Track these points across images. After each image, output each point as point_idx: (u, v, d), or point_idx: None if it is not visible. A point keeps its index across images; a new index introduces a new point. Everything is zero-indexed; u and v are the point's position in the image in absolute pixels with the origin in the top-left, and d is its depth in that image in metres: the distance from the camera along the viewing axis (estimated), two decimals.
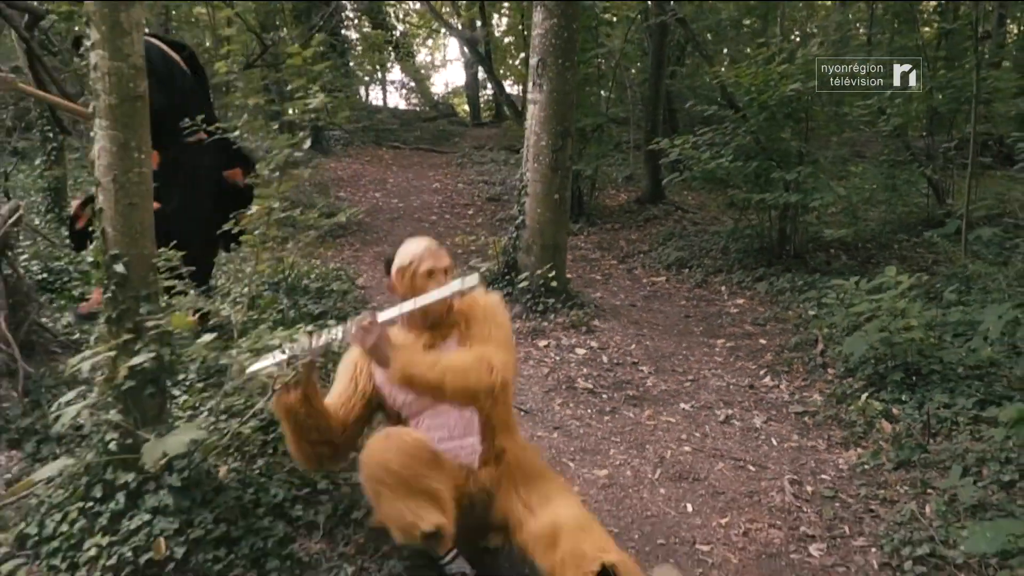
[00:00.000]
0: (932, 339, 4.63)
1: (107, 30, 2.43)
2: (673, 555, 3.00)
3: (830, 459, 3.82)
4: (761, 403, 4.51)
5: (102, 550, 2.46)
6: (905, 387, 4.36)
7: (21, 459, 3.12)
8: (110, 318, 2.58)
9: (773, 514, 3.31)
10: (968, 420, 3.93)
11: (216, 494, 2.68)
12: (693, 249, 8.19)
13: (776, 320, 5.97)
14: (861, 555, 3.00)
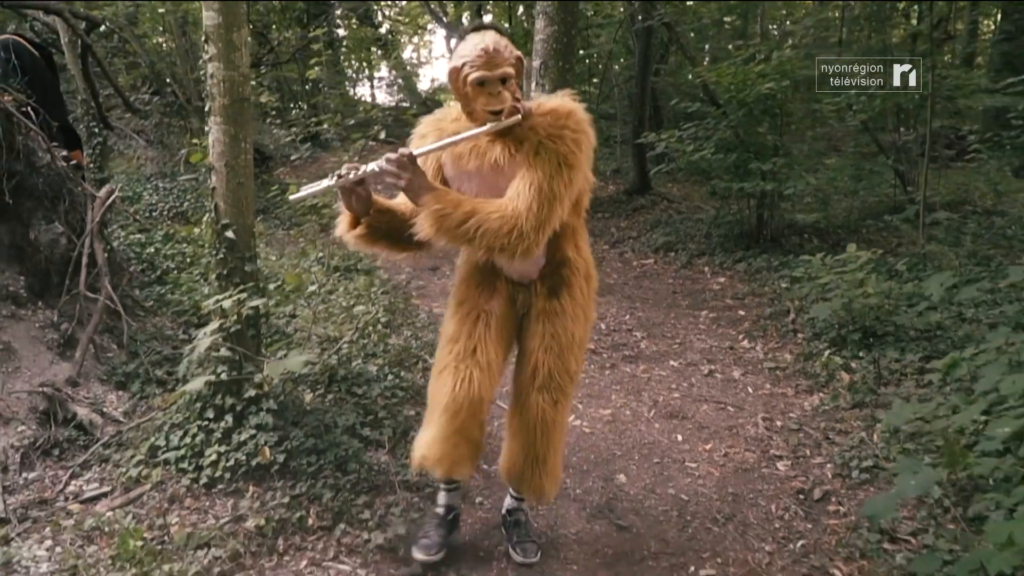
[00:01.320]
0: (888, 306, 5.34)
1: (222, 46, 3.09)
2: (666, 470, 3.70)
3: (797, 402, 4.53)
4: (739, 361, 5.22)
5: (220, 455, 3.13)
6: (863, 346, 5.07)
7: (128, 398, 3.77)
8: (221, 274, 3.25)
9: (748, 442, 4.02)
10: (914, 371, 4.64)
11: (303, 416, 3.35)
12: (678, 235, 8.89)
13: (753, 295, 6.68)
14: (818, 469, 3.70)
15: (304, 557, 2.76)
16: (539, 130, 2.36)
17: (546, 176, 2.30)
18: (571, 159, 2.34)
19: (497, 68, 2.32)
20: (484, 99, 2.34)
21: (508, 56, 2.34)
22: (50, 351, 3.77)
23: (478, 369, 2.58)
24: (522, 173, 2.33)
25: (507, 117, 2.32)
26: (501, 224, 2.25)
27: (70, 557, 2.55)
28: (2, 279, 3.84)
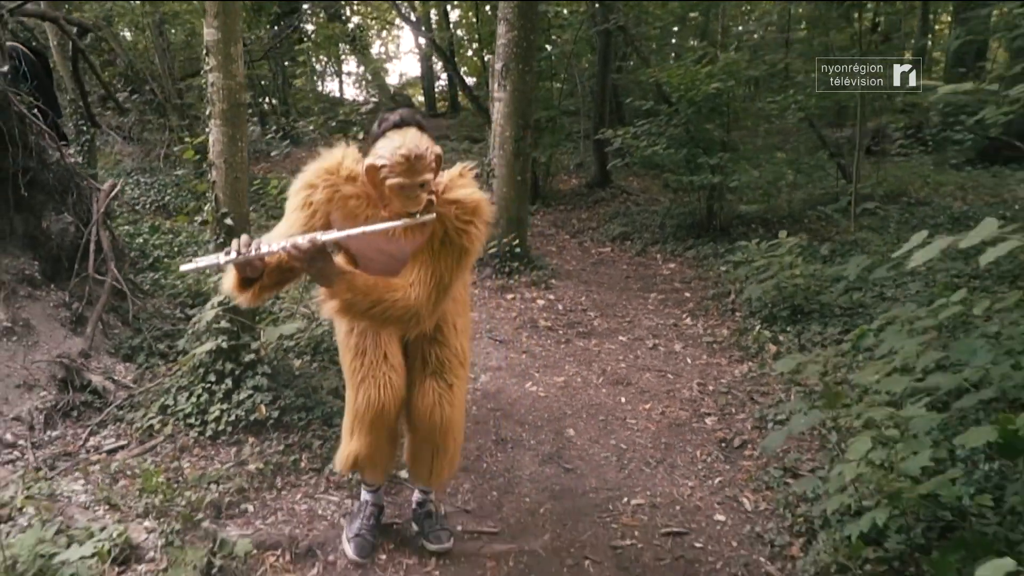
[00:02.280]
0: (814, 287, 5.96)
1: (222, 59, 3.59)
2: (609, 425, 4.26)
3: (728, 370, 5.12)
4: (681, 336, 5.80)
5: (223, 412, 3.64)
6: (791, 321, 5.67)
7: (135, 368, 4.25)
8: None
9: (682, 403, 4.60)
10: (832, 342, 5.24)
11: (293, 379, 3.87)
12: (635, 225, 9.47)
13: (699, 279, 7.28)
14: (740, 423, 4.29)
15: (299, 491, 3.29)
16: (446, 221, 2.44)
17: (447, 269, 2.45)
18: (471, 251, 2.50)
19: (417, 176, 2.32)
20: (402, 201, 2.36)
21: (429, 160, 2.34)
22: (63, 327, 4.24)
23: (394, 372, 2.75)
24: (423, 259, 2.45)
25: (422, 215, 2.38)
26: (403, 312, 2.41)
27: (103, 490, 3.05)
28: (19, 264, 4.30)
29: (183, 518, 2.79)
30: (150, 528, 2.78)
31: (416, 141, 2.32)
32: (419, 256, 2.47)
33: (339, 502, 3.24)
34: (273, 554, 2.82)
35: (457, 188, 2.49)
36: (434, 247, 2.46)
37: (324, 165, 2.49)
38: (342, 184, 2.46)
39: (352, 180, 2.47)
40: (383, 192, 2.39)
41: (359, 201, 2.46)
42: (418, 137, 2.34)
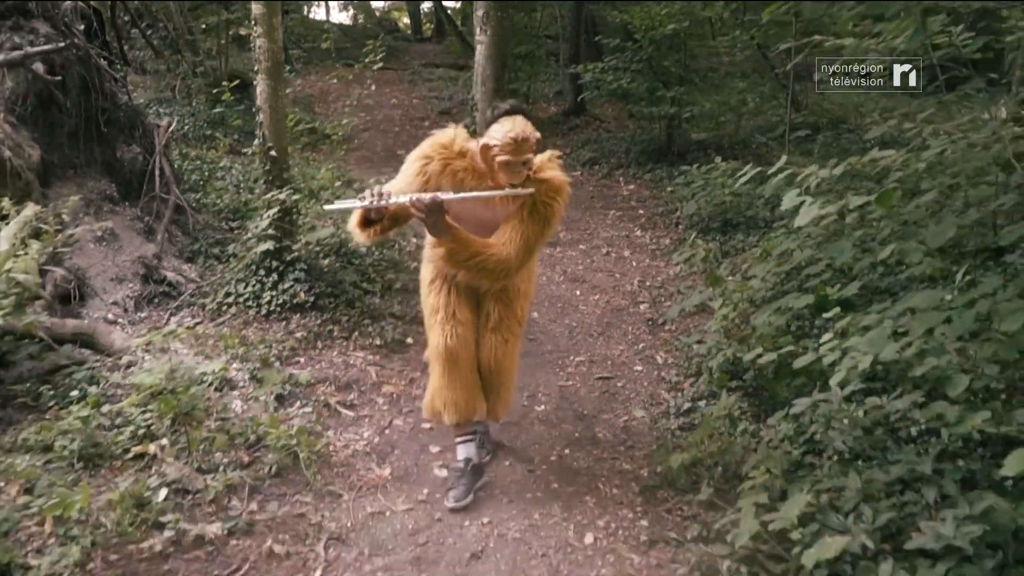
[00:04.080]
0: (743, 204, 7.17)
1: (266, 28, 4.70)
2: (565, 310, 5.54)
3: (665, 271, 6.39)
4: (631, 245, 7.05)
5: (272, 297, 4.87)
6: (721, 232, 6.91)
7: (197, 268, 5.46)
8: (267, 180, 4.93)
9: (624, 295, 5.87)
10: (749, 248, 6.49)
11: (322, 274, 5.09)
12: (603, 151, 10.60)
13: (653, 198, 8.49)
14: (666, 308, 5.57)
15: (335, 350, 4.56)
16: (535, 195, 2.93)
17: (533, 234, 2.94)
18: (552, 223, 3.00)
19: (521, 155, 2.83)
20: (507, 174, 2.86)
21: (531, 143, 2.85)
22: (139, 236, 5.42)
23: (460, 325, 3.22)
24: (515, 223, 2.94)
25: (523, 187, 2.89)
26: (496, 264, 2.91)
27: (197, 345, 4.29)
28: (101, 186, 5.45)
29: (261, 360, 4.06)
30: (238, 368, 4.04)
31: (522, 127, 2.83)
32: (511, 221, 2.95)
33: (364, 356, 4.51)
34: (323, 385, 4.10)
35: (546, 169, 3.02)
36: (523, 215, 2.94)
37: (440, 140, 2.99)
38: (454, 158, 2.95)
39: (462, 155, 2.97)
40: (492, 167, 2.89)
41: (466, 173, 2.96)
42: (523, 124, 2.85)
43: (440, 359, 3.23)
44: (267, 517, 3.02)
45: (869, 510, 2.60)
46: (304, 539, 2.96)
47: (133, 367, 4.05)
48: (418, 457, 3.62)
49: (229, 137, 9.32)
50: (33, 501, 2.87)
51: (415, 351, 4.65)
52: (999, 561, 2.35)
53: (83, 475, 3.12)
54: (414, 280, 5.54)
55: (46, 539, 2.73)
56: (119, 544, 2.75)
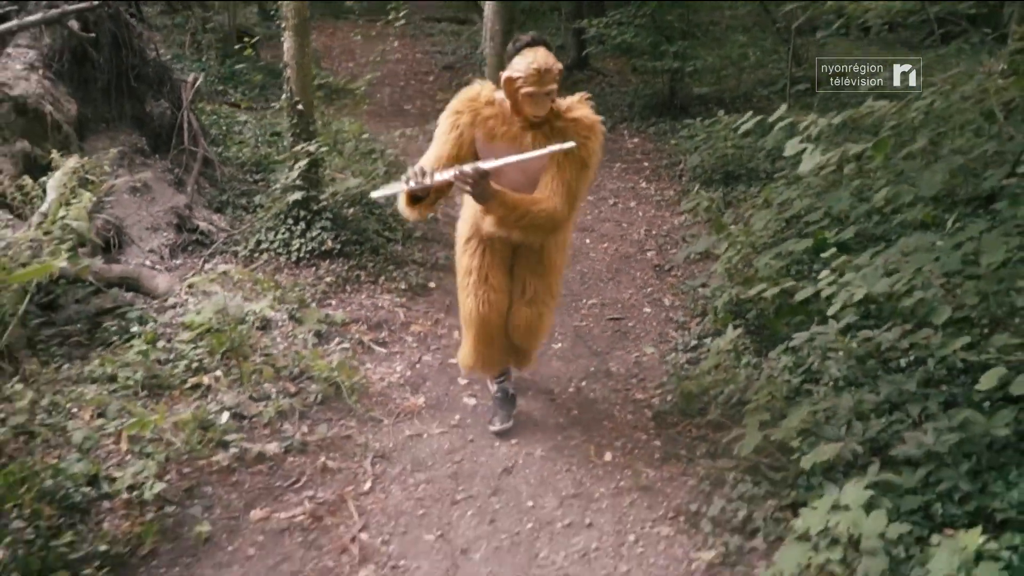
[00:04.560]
0: (744, 156, 7.42)
1: None
2: (576, 257, 5.83)
3: (670, 221, 6.66)
4: (636, 196, 7.31)
5: (301, 244, 5.15)
6: (723, 183, 7.17)
7: (226, 218, 5.72)
8: (295, 133, 5.17)
9: (631, 243, 6.16)
10: (750, 198, 6.76)
11: (347, 223, 5.37)
12: (607, 105, 10.77)
13: (657, 151, 8.72)
14: (672, 255, 5.86)
15: (363, 293, 4.85)
16: (567, 134, 2.94)
17: (573, 178, 2.96)
18: (590, 163, 3.01)
19: (545, 86, 2.85)
20: (531, 107, 2.90)
21: (555, 73, 2.88)
22: (170, 187, 5.68)
23: (492, 291, 3.31)
24: (553, 172, 2.95)
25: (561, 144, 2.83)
26: (545, 219, 2.95)
27: (235, 289, 4.58)
28: (132, 139, 5.70)
29: (298, 301, 4.36)
30: (276, 309, 4.34)
31: (545, 58, 2.85)
32: (548, 171, 2.97)
33: (391, 298, 4.81)
34: (355, 324, 4.41)
35: (576, 109, 3.06)
36: (559, 160, 2.94)
37: (467, 95, 3.08)
38: (482, 108, 3.03)
39: (490, 104, 3.05)
40: (516, 100, 2.92)
41: (496, 120, 3.03)
42: (546, 54, 2.87)
43: (472, 324, 3.34)
44: (317, 438, 3.34)
45: (860, 425, 2.92)
46: (352, 457, 3.29)
47: (178, 308, 4.35)
48: (448, 388, 3.94)
49: (239, 92, 9.52)
50: (107, 424, 3.19)
51: (438, 294, 4.95)
52: (973, 466, 2.68)
53: (147, 402, 3.44)
54: (432, 230, 5.86)
55: (123, 455, 3.06)
56: (189, 459, 3.08)
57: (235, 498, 2.95)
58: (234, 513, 2.88)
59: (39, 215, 4.41)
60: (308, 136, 5.18)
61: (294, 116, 5.15)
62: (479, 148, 3.07)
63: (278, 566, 2.65)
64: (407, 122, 9.31)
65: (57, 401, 3.35)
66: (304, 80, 5.10)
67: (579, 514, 3.00)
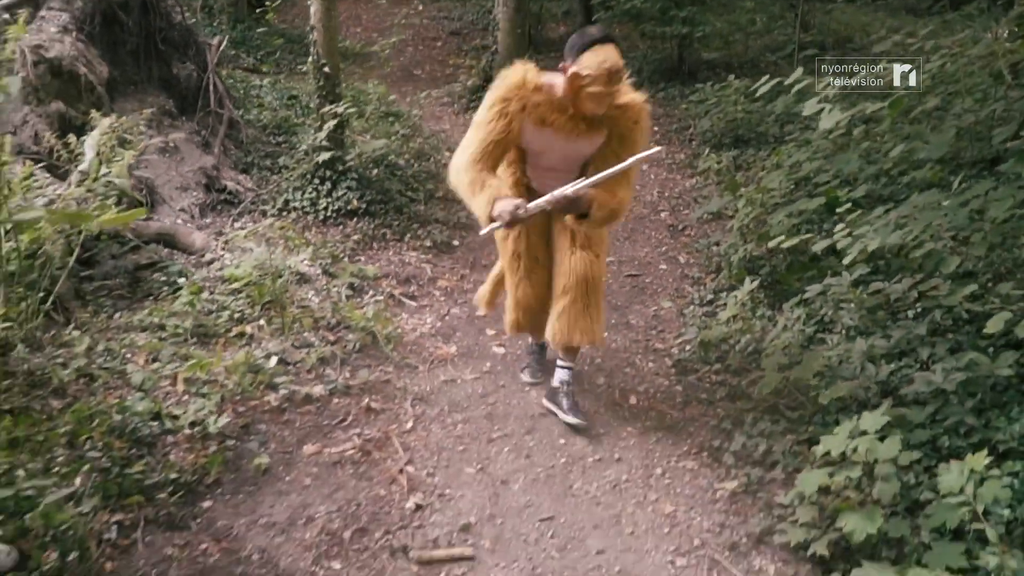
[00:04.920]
0: (754, 120, 7.57)
1: None
2: None
3: (682, 183, 6.83)
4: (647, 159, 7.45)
5: (328, 203, 5.32)
6: (733, 147, 7.32)
7: (252, 178, 5.88)
8: (322, 95, 5.32)
9: (645, 204, 6.33)
10: (760, 160, 6.93)
11: (371, 184, 5.53)
12: None
13: (667, 115, 8.85)
14: (685, 217, 6.04)
15: (390, 250, 5.04)
16: (619, 121, 2.99)
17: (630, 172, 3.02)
18: (640, 145, 3.04)
19: (612, 86, 2.82)
20: (593, 105, 2.85)
21: (623, 73, 2.85)
22: (197, 148, 5.83)
23: (543, 269, 3.35)
24: (613, 162, 2.93)
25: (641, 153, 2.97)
26: (623, 209, 3.11)
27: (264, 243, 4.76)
28: (160, 101, 5.83)
29: (331, 256, 4.54)
30: (309, 263, 4.52)
31: (616, 58, 2.80)
32: (607, 160, 2.98)
33: (417, 255, 5.00)
34: (385, 279, 4.60)
35: (624, 94, 3.00)
36: (613, 147, 3.01)
37: (512, 81, 2.94)
38: (531, 95, 2.93)
39: (538, 90, 2.94)
40: (577, 96, 2.85)
41: (546, 108, 2.94)
42: (616, 54, 2.81)
43: (524, 302, 3.37)
44: (359, 382, 3.55)
45: (872, 367, 3.13)
46: (393, 399, 3.49)
47: (215, 263, 4.54)
48: (477, 338, 4.14)
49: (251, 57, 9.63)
50: (162, 367, 3.39)
51: (461, 252, 5.14)
52: (977, 404, 2.89)
53: (196, 349, 3.63)
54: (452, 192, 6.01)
55: (180, 396, 3.26)
56: (243, 400, 3.28)
57: (288, 435, 3.16)
58: (288, 448, 3.09)
59: (78, 173, 4.58)
60: (334, 98, 5.33)
61: (321, 78, 5.29)
62: (526, 134, 3.02)
63: (333, 494, 2.86)
64: (418, 86, 9.44)
65: (112, 347, 3.54)
66: (331, 43, 5.24)
67: (608, 450, 3.21)
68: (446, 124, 8.13)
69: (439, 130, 7.71)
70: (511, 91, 2.94)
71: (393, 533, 2.69)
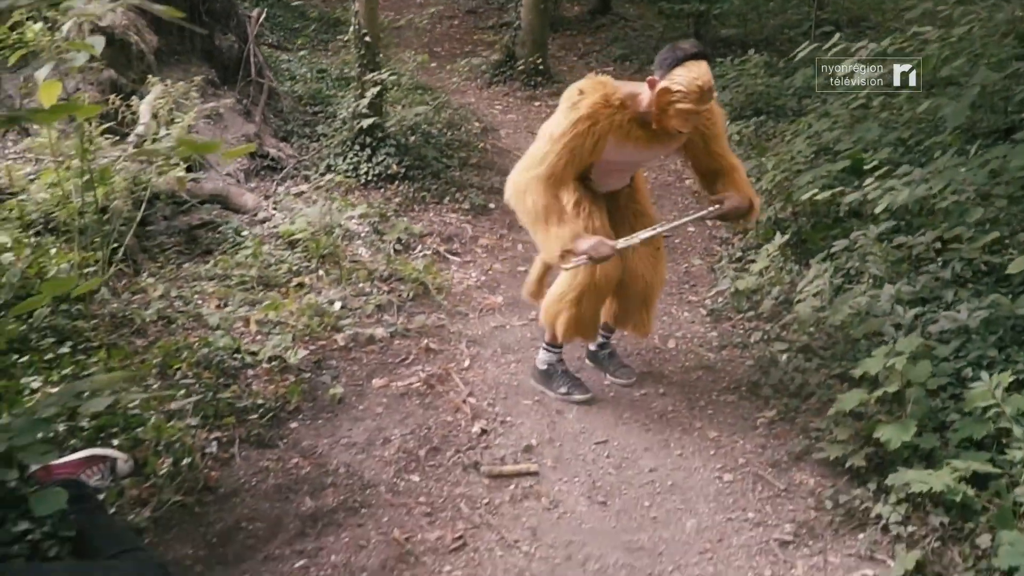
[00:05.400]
0: (773, 93, 7.76)
1: None
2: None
3: None
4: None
5: (369, 168, 5.55)
6: (753, 118, 7.52)
7: (292, 145, 6.10)
8: (363, 63, 5.54)
9: (669, 172, 6.56)
10: (780, 132, 7.13)
11: (409, 150, 5.76)
12: (633, 48, 11.06)
13: None
14: None
15: (430, 212, 5.27)
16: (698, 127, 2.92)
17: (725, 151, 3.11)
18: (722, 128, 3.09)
19: (703, 104, 2.70)
20: (681, 123, 2.74)
21: (713, 92, 2.74)
22: (240, 116, 6.06)
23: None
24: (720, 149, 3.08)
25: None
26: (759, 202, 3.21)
27: (322, 198, 4.98)
28: (203, 71, 6.05)
29: (379, 215, 4.78)
30: (358, 221, 4.75)
31: (708, 75, 2.69)
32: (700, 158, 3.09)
33: (457, 216, 5.23)
34: (430, 236, 4.84)
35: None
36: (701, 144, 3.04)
37: (595, 99, 2.81)
38: (616, 113, 2.81)
39: (623, 107, 2.83)
40: (665, 111, 2.72)
41: (631, 124, 2.85)
42: (708, 71, 2.70)
43: (599, 285, 3.09)
44: (417, 326, 3.79)
45: (900, 309, 3.36)
46: (449, 341, 3.74)
47: (268, 222, 4.78)
48: (520, 288, 4.38)
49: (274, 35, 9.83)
50: (233, 311, 3.64)
51: (498, 214, 5.36)
52: (998, 340, 3.12)
53: (262, 296, 3.88)
54: (485, 158, 6.25)
55: (253, 336, 3.51)
56: (312, 339, 3.53)
57: (357, 370, 3.41)
58: (358, 381, 3.34)
59: (135, 136, 4.82)
60: (374, 67, 5.54)
61: (362, 47, 5.51)
62: (607, 151, 2.91)
63: (404, 420, 3.11)
64: (440, 63, 9.65)
65: (184, 294, 3.79)
66: (371, 13, 5.45)
67: (653, 386, 3.46)
68: (471, 98, 8.32)
69: (465, 103, 7.91)
70: (596, 110, 2.81)
71: (463, 452, 2.95)
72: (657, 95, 2.71)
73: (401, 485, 2.76)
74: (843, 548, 2.49)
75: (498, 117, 7.79)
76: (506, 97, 8.50)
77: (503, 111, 8.05)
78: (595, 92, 2.83)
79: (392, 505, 2.66)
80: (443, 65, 9.44)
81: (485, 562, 2.45)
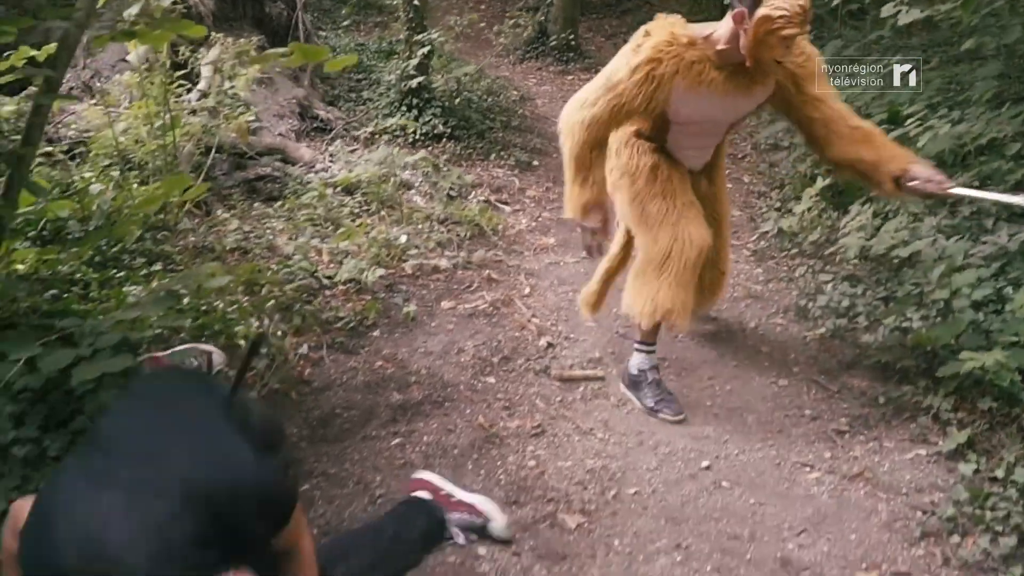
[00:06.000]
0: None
1: None
2: None
3: None
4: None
5: (416, 128, 5.74)
6: None
7: (339, 109, 6.31)
8: (411, 27, 5.75)
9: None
10: None
11: (454, 112, 5.96)
12: None
13: None
14: (742, 146, 6.43)
15: (476, 167, 5.48)
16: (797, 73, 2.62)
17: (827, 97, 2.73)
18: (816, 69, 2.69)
19: (805, 27, 2.38)
20: (779, 51, 2.41)
21: (811, 11, 2.39)
22: (289, 81, 6.28)
23: (701, 214, 2.85)
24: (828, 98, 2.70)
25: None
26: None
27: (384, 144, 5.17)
28: (254, 37, 6.28)
29: (432, 165, 4.99)
30: (412, 172, 4.96)
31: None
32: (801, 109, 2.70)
33: (504, 171, 5.44)
34: (479, 187, 5.04)
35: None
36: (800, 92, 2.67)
37: (660, 39, 2.52)
38: (685, 52, 2.50)
39: (692, 45, 2.52)
40: (764, 42, 2.38)
41: (702, 64, 2.53)
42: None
43: (686, 253, 2.74)
44: (477, 259, 4.00)
45: (942, 237, 3.53)
46: (508, 273, 3.95)
47: (324, 173, 4.99)
48: (571, 232, 4.55)
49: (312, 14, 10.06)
50: (307, 242, 3.85)
51: (542, 170, 5.57)
52: None
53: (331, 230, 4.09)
54: (525, 122, 6.46)
55: (327, 264, 3.72)
56: (381, 267, 3.74)
57: (425, 294, 3.62)
58: (428, 303, 3.55)
59: (197, 92, 5.06)
60: (421, 29, 5.75)
61: (410, 11, 5.72)
62: (674, 101, 2.59)
63: (474, 335, 3.31)
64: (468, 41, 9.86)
65: (257, 230, 4.01)
66: None
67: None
68: (505, 71, 8.52)
69: (500, 76, 8.12)
70: (659, 51, 2.50)
71: (533, 360, 3.16)
72: (756, 24, 2.34)
73: (479, 385, 2.97)
74: (896, 435, 2.68)
75: (533, 89, 7.99)
76: (539, 71, 8.70)
77: (537, 83, 8.26)
78: (659, 33, 2.55)
79: (472, 400, 2.87)
80: (473, 42, 9.65)
81: (564, 444, 2.66)
